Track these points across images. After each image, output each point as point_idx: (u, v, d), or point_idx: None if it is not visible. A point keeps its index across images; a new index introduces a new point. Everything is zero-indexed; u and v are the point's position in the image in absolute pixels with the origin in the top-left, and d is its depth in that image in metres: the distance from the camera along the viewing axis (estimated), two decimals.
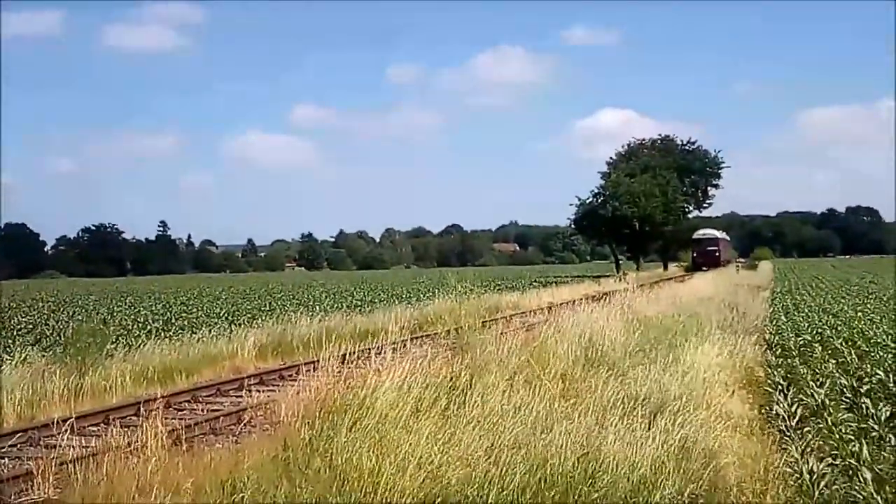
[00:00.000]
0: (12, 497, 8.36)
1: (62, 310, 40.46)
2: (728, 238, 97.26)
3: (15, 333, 26.86)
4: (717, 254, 79.18)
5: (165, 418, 10.10)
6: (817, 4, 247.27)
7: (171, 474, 7.43)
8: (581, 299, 25.51)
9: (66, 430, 9.43)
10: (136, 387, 14.95)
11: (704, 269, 68.79)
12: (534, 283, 57.22)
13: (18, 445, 10.55)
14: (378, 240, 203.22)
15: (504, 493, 6.95)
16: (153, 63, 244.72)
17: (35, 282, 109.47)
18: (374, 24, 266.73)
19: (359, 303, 39.51)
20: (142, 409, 11.30)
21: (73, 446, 9.18)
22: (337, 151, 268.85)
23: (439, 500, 6.91)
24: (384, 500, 6.83)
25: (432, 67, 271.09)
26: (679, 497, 7.55)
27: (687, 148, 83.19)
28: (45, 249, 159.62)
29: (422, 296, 40.33)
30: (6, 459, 10.10)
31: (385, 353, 10.34)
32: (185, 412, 12.83)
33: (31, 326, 30.21)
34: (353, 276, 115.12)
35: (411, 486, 7.03)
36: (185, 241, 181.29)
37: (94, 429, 11.46)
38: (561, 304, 26.64)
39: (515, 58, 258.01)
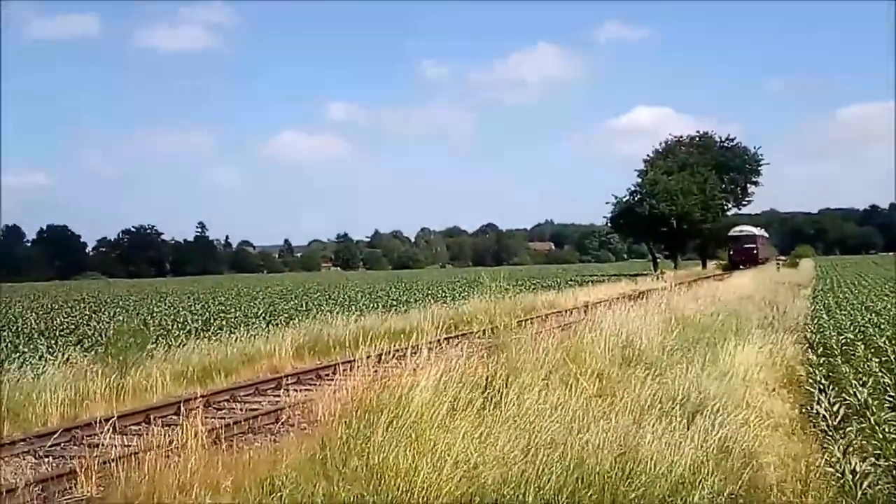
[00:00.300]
0: (56, 495, 8.49)
1: (103, 310, 40.97)
2: (766, 235, 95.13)
3: (58, 334, 27.25)
4: (755, 251, 77.30)
5: (205, 417, 10.21)
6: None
7: (210, 473, 7.50)
8: (618, 298, 25.45)
9: (108, 430, 9.58)
10: (176, 386, 15.14)
11: (742, 267, 67.41)
12: (570, 282, 57.01)
13: (62, 444, 10.73)
14: (413, 239, 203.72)
15: (541, 492, 6.93)
16: (187, 64, 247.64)
17: (76, 283, 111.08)
18: (408, 20, 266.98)
19: (394, 302, 39.60)
20: (182, 408, 11.47)
21: (115, 445, 9.33)
22: (370, 149, 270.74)
23: (476, 499, 6.91)
24: (420, 499, 6.85)
25: (465, 64, 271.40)
26: (718, 497, 7.46)
27: (725, 145, 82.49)
28: (87, 251, 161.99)
29: (457, 295, 40.34)
30: (50, 458, 10.27)
31: (420, 352, 10.35)
32: (224, 411, 12.97)
33: (73, 327, 30.63)
34: (388, 275, 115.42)
35: (448, 486, 7.04)
36: (222, 241, 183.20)
37: (136, 428, 11.61)
38: (597, 303, 26.50)
39: (549, 55, 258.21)
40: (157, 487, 7.05)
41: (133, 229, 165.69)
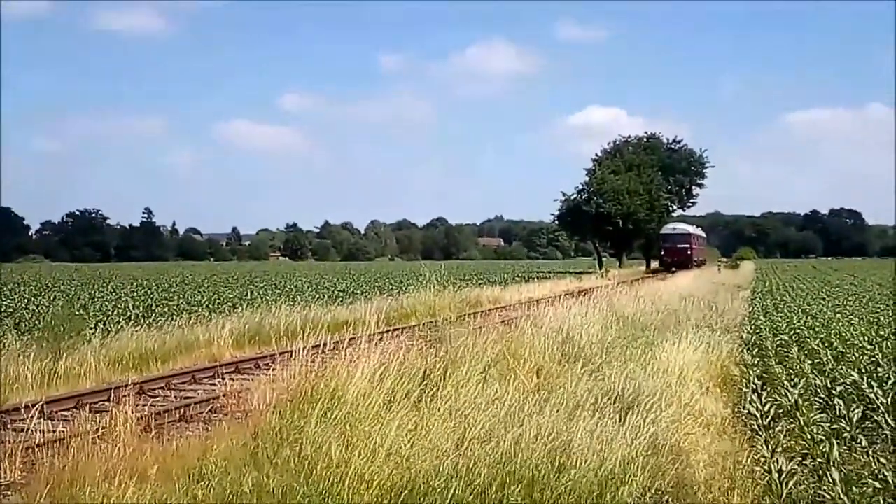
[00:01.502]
0: None
1: (44, 294, 40.17)
2: (703, 234, 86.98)
3: None
4: (689, 252, 69.71)
5: (137, 405, 10.09)
6: (806, 6, 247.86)
7: (138, 460, 7.43)
8: (562, 295, 25.61)
9: (35, 415, 9.39)
10: (111, 372, 14.90)
11: (674, 269, 61.21)
12: (516, 278, 57.28)
13: None
14: (363, 231, 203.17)
15: (471, 485, 6.96)
16: (142, 47, 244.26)
17: (18, 265, 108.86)
18: (367, 12, 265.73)
19: (340, 294, 39.43)
20: (113, 394, 11.29)
21: (41, 431, 9.15)
22: (324, 140, 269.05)
23: (406, 491, 6.91)
24: (350, 490, 6.83)
25: (422, 58, 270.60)
26: (646, 493, 7.57)
27: (672, 147, 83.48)
28: (30, 233, 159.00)
29: (404, 288, 40.31)
30: None
31: (360, 344, 10.32)
32: (157, 399, 12.79)
33: (11, 310, 30.00)
34: (336, 267, 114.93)
35: (379, 476, 7.03)
36: (169, 228, 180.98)
37: (65, 413, 11.38)
38: (541, 299, 26.68)
39: (506, 51, 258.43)
40: (82, 474, 6.94)
41: (78, 213, 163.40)
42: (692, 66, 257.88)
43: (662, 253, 71.35)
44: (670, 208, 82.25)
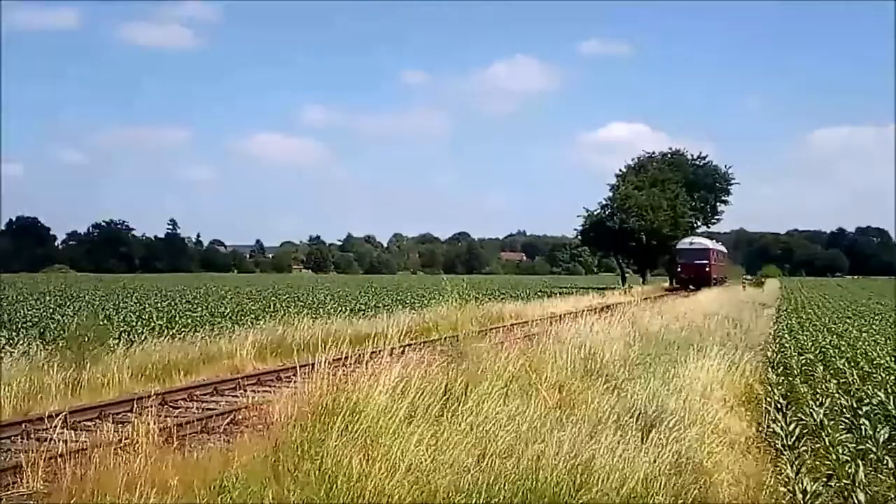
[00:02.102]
0: (1, 489, 8.36)
1: (69, 304, 40.45)
2: (724, 250, 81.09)
3: (20, 326, 26.87)
4: (707, 269, 63.87)
5: (160, 416, 10.12)
6: (830, 25, 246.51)
7: (160, 472, 7.44)
8: (584, 311, 25.48)
9: (58, 424, 9.44)
10: (134, 383, 14.98)
11: (692, 287, 57.02)
12: (538, 293, 57.16)
13: (11, 438, 10.56)
14: (385, 245, 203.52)
15: (491, 501, 6.92)
16: (168, 60, 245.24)
17: (44, 275, 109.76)
18: (390, 27, 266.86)
19: (362, 307, 39.48)
20: (136, 405, 11.34)
21: (65, 441, 9.19)
22: (347, 153, 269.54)
23: None
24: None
25: (445, 73, 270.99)
26: None
27: (697, 163, 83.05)
28: (56, 244, 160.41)
29: (426, 302, 40.29)
30: None
31: (382, 357, 10.31)
32: (180, 410, 12.83)
33: (36, 319, 30.23)
34: (359, 280, 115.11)
35: (399, 492, 7.01)
36: (193, 239, 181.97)
37: (89, 424, 11.44)
38: (564, 314, 26.57)
39: (528, 67, 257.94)
40: (104, 484, 6.96)
41: (104, 224, 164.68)
42: (715, 82, 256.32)
43: (679, 269, 66.09)
44: (695, 225, 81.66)
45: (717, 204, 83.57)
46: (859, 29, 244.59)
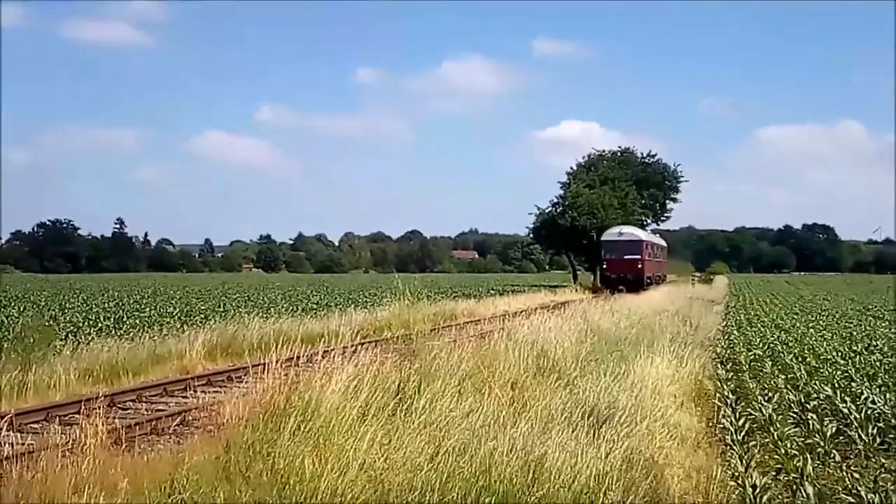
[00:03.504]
0: None
1: (13, 304, 39.67)
2: (664, 244, 71.42)
3: None
4: (640, 265, 52.91)
5: (108, 417, 9.95)
6: (778, 25, 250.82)
7: (108, 474, 7.31)
8: (536, 308, 25.65)
9: (4, 427, 9.25)
10: (81, 385, 14.72)
11: (621, 289, 47.35)
12: (490, 291, 57.34)
13: None
14: (337, 243, 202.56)
15: (444, 499, 6.92)
16: (115, 58, 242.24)
17: None
18: (344, 25, 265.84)
19: (314, 306, 39.27)
20: (83, 407, 11.14)
21: (11, 443, 9.01)
22: (299, 152, 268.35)
23: None
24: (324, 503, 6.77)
25: (398, 72, 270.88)
26: None
27: (647, 161, 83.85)
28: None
29: (378, 301, 40.21)
30: None
31: (334, 356, 10.26)
32: (128, 411, 12.66)
33: None
34: (310, 279, 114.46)
35: (352, 490, 6.99)
36: (141, 239, 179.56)
37: (35, 426, 11.23)
38: (516, 312, 26.69)
39: (482, 66, 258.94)
40: (51, 487, 6.83)
41: (49, 223, 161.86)
42: (666, 81, 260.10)
43: (605, 266, 54.58)
44: (644, 222, 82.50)
45: (667, 201, 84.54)
46: (805, 31, 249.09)
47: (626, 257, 52.67)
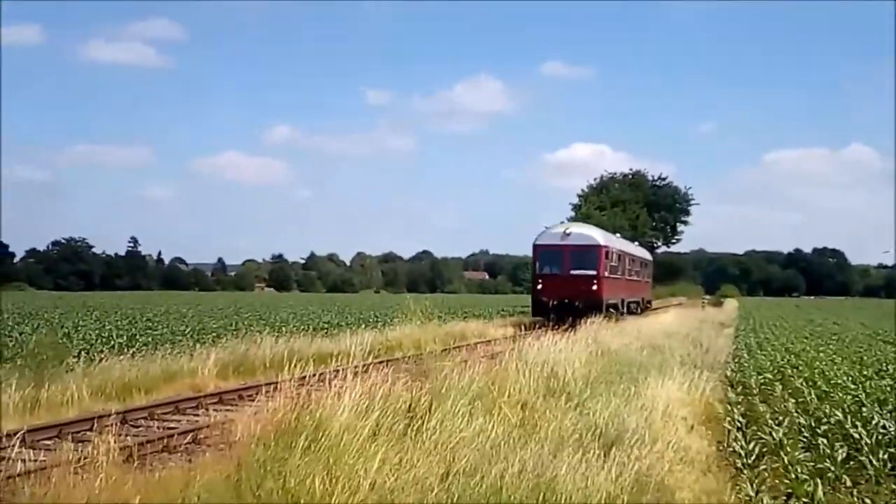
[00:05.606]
0: None
1: (27, 321, 39.86)
2: (647, 256, 56.53)
3: None
4: (594, 283, 35.27)
5: (120, 435, 10.02)
6: (787, 49, 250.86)
7: (120, 491, 7.36)
8: (547, 329, 25.59)
9: (17, 443, 9.32)
10: (94, 402, 14.79)
11: (567, 316, 30.33)
12: (501, 312, 57.27)
13: None
14: (349, 263, 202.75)
15: None
16: (132, 78, 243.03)
17: (2, 293, 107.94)
18: (355, 47, 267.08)
19: (325, 325, 39.31)
20: (96, 424, 11.20)
21: (23, 460, 9.07)
22: (311, 172, 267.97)
23: None
24: None
25: (409, 93, 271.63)
26: None
27: (657, 184, 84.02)
28: (14, 261, 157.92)
29: (389, 320, 40.24)
30: None
31: (346, 376, 10.30)
32: (140, 429, 12.71)
33: None
34: (322, 298, 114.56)
35: None
36: (154, 257, 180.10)
37: (48, 443, 11.30)
38: (526, 333, 26.67)
39: (492, 88, 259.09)
40: None
41: (63, 241, 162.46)
42: (672, 106, 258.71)
43: (538, 285, 36.39)
44: (655, 245, 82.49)
45: (678, 224, 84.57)
46: (815, 51, 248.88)
47: (573, 272, 35.72)
